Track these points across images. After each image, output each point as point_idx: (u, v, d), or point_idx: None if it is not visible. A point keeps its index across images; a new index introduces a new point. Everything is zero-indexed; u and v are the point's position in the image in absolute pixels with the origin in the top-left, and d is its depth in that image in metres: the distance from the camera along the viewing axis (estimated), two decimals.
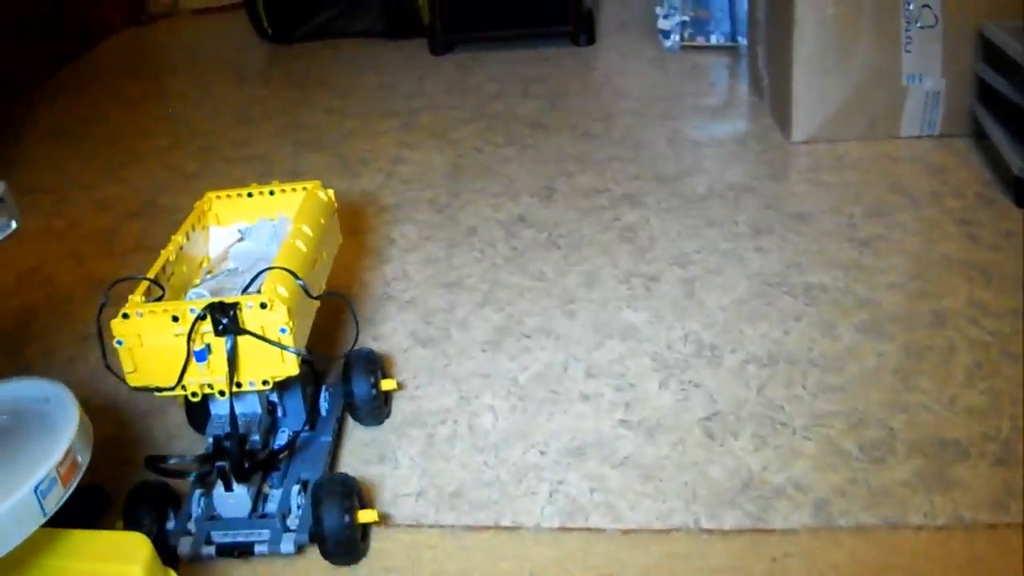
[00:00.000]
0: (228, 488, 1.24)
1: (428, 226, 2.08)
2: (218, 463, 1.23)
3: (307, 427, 1.40)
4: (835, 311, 1.67)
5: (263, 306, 1.16)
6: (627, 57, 2.99)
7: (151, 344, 1.17)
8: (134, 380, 1.19)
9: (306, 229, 1.39)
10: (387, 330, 1.73)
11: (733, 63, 2.85)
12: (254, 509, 1.27)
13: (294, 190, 1.52)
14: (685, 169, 2.22)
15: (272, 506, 1.28)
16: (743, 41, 2.88)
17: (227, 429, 1.24)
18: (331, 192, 1.55)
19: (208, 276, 1.40)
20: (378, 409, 1.48)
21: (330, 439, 1.40)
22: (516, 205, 2.13)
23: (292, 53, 3.45)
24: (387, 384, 1.48)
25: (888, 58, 2.21)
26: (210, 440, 1.25)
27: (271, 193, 1.53)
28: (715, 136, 2.38)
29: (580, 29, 3.08)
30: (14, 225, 1.09)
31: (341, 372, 1.47)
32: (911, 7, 2.16)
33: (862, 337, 1.59)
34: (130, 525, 1.22)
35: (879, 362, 1.53)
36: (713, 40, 2.98)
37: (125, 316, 1.16)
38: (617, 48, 3.09)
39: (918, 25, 2.17)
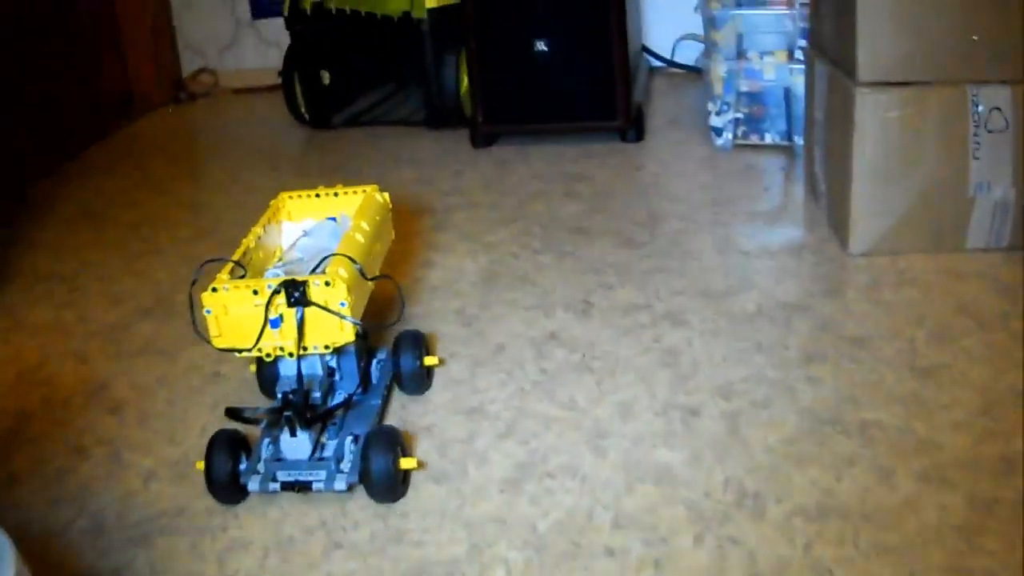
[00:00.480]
0: (292, 434, 1.53)
1: (453, 341, 1.94)
2: (285, 413, 1.51)
3: (360, 390, 1.67)
4: (893, 454, 1.50)
5: (327, 284, 1.45)
6: (677, 155, 2.85)
7: (235, 313, 1.46)
8: (219, 343, 1.48)
9: (364, 225, 1.71)
10: None
11: (789, 164, 2.70)
12: (313, 454, 1.55)
13: (355, 192, 1.87)
14: (734, 284, 2.06)
15: (328, 452, 1.55)
16: (799, 141, 2.74)
17: (294, 386, 1.53)
18: (387, 195, 1.91)
19: (279, 263, 1.73)
20: (421, 380, 1.77)
21: (379, 402, 1.68)
22: (550, 320, 1.98)
23: (329, 139, 3.34)
24: (430, 360, 1.78)
25: (954, 165, 2.07)
26: (279, 395, 1.54)
27: (335, 195, 1.88)
28: (767, 246, 2.22)
29: (629, 124, 2.94)
30: None
31: (391, 348, 1.78)
32: (980, 109, 2.01)
33: (922, 486, 1.43)
34: (210, 465, 1.51)
35: (940, 517, 1.37)
36: (768, 139, 2.84)
37: (214, 290, 1.46)
38: (667, 145, 2.95)
39: (987, 129, 2.02)
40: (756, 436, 1.57)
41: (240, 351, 1.49)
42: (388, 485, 1.49)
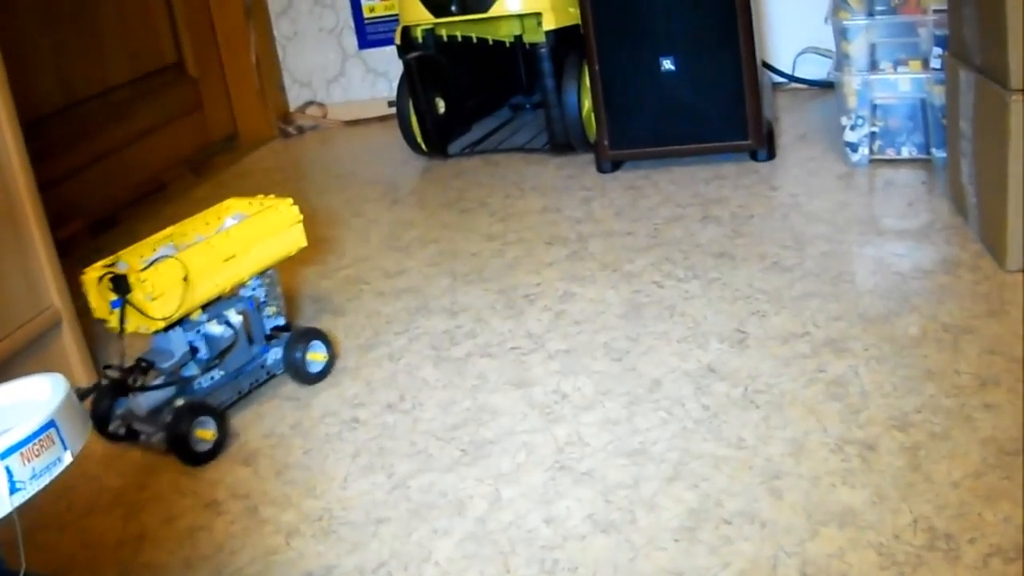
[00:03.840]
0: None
1: (605, 378, 1.87)
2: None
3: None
4: None
5: (141, 280, 1.75)
6: (812, 173, 2.75)
7: (96, 294, 1.83)
8: (95, 314, 1.85)
9: (230, 236, 1.93)
10: (561, 509, 1.51)
11: (930, 178, 2.60)
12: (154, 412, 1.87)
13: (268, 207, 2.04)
14: (892, 307, 1.97)
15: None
16: (939, 153, 2.63)
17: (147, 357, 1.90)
18: (294, 208, 2.06)
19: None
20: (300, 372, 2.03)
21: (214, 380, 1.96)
22: (705, 352, 1.90)
23: (447, 169, 3.29)
24: (313, 356, 2.02)
25: None
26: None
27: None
28: (920, 266, 2.13)
29: (759, 144, 2.85)
30: (68, 459, 0.91)
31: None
32: None
33: None
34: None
35: None
36: (904, 153, 2.74)
37: (83, 273, 1.83)
38: (800, 163, 2.85)
39: None
40: (939, 471, 1.48)
41: (104, 320, 1.83)
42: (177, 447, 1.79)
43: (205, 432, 1.81)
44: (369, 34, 4.14)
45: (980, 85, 2.11)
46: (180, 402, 1.83)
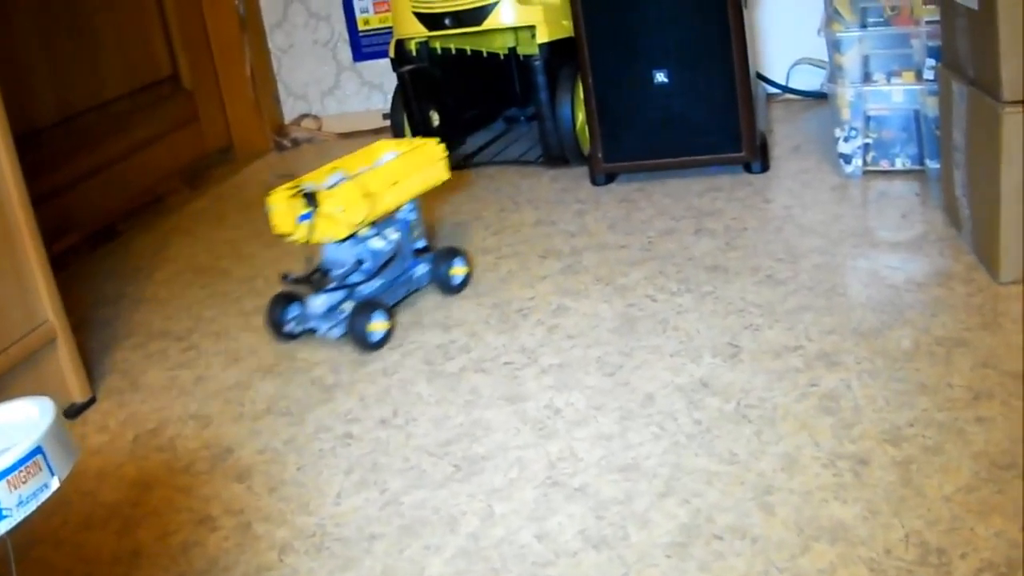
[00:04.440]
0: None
1: (598, 393, 1.87)
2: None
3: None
4: None
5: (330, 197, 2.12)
6: (806, 185, 2.76)
7: (280, 211, 2.21)
8: (275, 230, 2.23)
9: (386, 169, 2.31)
10: (553, 525, 1.52)
11: (923, 190, 2.60)
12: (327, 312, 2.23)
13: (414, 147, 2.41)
14: (885, 320, 1.97)
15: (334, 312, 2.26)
16: (932, 165, 2.63)
17: (323, 266, 2.29)
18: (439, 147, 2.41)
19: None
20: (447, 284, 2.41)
21: (380, 284, 2.32)
22: (697, 366, 1.90)
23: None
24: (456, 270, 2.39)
25: None
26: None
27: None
28: (914, 278, 2.13)
29: (753, 156, 2.85)
30: (55, 485, 0.91)
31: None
32: None
33: None
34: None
35: None
36: (898, 164, 2.75)
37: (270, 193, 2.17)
38: (794, 175, 2.86)
39: None
40: (931, 485, 1.49)
41: (285, 236, 2.18)
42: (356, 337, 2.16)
43: (378, 324, 2.18)
44: (364, 46, 4.14)
45: (973, 97, 2.11)
46: (349, 304, 2.21)
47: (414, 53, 3.34)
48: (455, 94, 3.42)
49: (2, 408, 1.01)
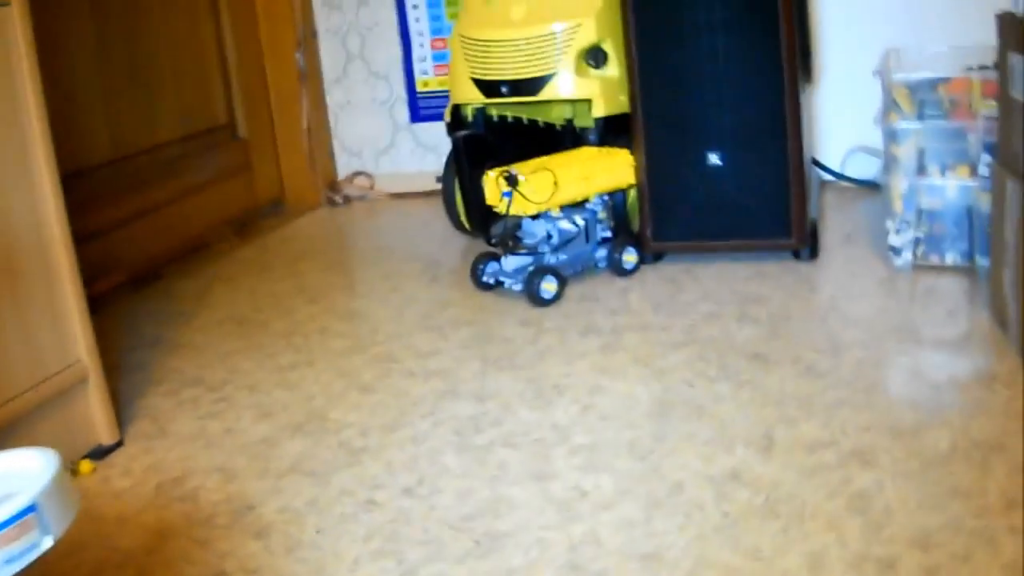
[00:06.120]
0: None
1: (627, 477, 1.84)
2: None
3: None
4: None
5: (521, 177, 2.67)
6: (854, 276, 2.73)
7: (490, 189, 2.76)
8: (488, 202, 2.81)
9: (572, 162, 2.86)
10: None
11: (972, 287, 2.56)
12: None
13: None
14: (924, 420, 1.94)
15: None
16: (983, 262, 2.59)
17: (537, 236, 2.87)
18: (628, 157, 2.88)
19: None
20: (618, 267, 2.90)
21: (560, 259, 2.88)
22: (729, 457, 1.87)
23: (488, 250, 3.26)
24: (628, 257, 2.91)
25: None
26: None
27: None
28: (956, 377, 2.10)
29: (802, 243, 2.82)
30: (47, 544, 0.89)
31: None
32: None
33: None
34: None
35: None
36: (948, 260, 2.71)
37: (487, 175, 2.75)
38: (842, 264, 2.83)
39: None
40: None
41: (494, 207, 2.75)
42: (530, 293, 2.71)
43: (550, 285, 2.73)
44: (421, 108, 4.15)
45: None
46: (532, 267, 2.73)
47: (470, 118, 3.33)
48: (508, 162, 3.41)
49: (4, 456, 1.00)
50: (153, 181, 3.43)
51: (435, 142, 4.15)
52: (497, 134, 3.36)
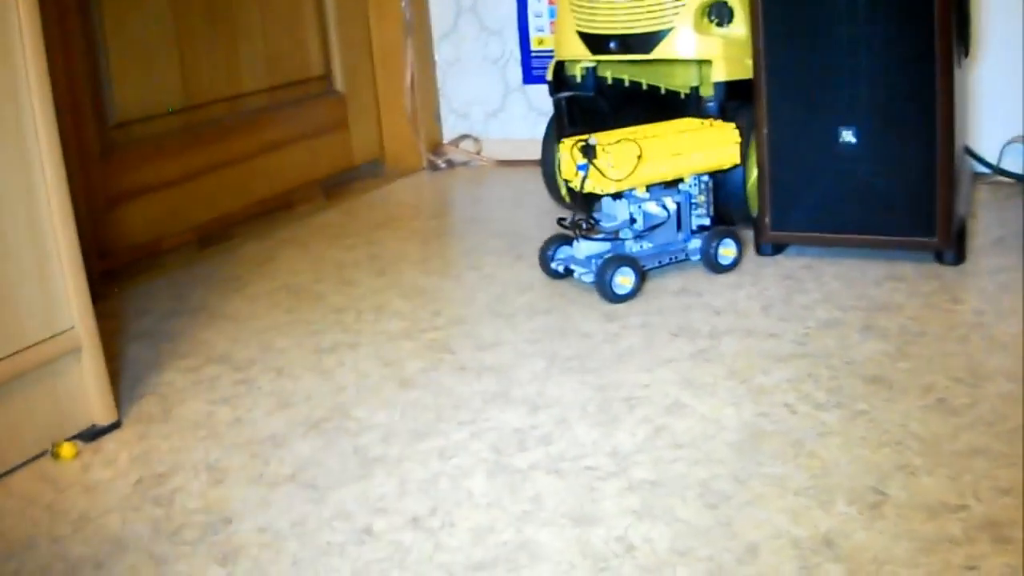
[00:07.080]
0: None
1: (689, 530, 1.44)
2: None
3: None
4: None
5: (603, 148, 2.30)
6: (1004, 288, 2.29)
7: (566, 162, 2.40)
8: (564, 176, 2.46)
9: (667, 134, 2.44)
10: None
11: None
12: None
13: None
14: None
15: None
16: None
17: (615, 218, 2.47)
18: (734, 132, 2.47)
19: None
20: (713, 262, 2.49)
21: (639, 247, 2.48)
22: (826, 515, 1.46)
23: None
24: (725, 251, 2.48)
25: None
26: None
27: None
28: None
29: (947, 243, 2.39)
30: None
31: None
32: None
33: None
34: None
35: None
36: None
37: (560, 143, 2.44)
38: (992, 273, 2.38)
39: None
40: None
41: (568, 181, 2.39)
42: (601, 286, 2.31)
43: (625, 279, 2.32)
44: (534, 68, 3.79)
45: None
46: (610, 255, 2.33)
47: (578, 79, 2.96)
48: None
49: None
50: (232, 133, 3.18)
51: (549, 107, 3.76)
52: (611, 99, 2.98)
